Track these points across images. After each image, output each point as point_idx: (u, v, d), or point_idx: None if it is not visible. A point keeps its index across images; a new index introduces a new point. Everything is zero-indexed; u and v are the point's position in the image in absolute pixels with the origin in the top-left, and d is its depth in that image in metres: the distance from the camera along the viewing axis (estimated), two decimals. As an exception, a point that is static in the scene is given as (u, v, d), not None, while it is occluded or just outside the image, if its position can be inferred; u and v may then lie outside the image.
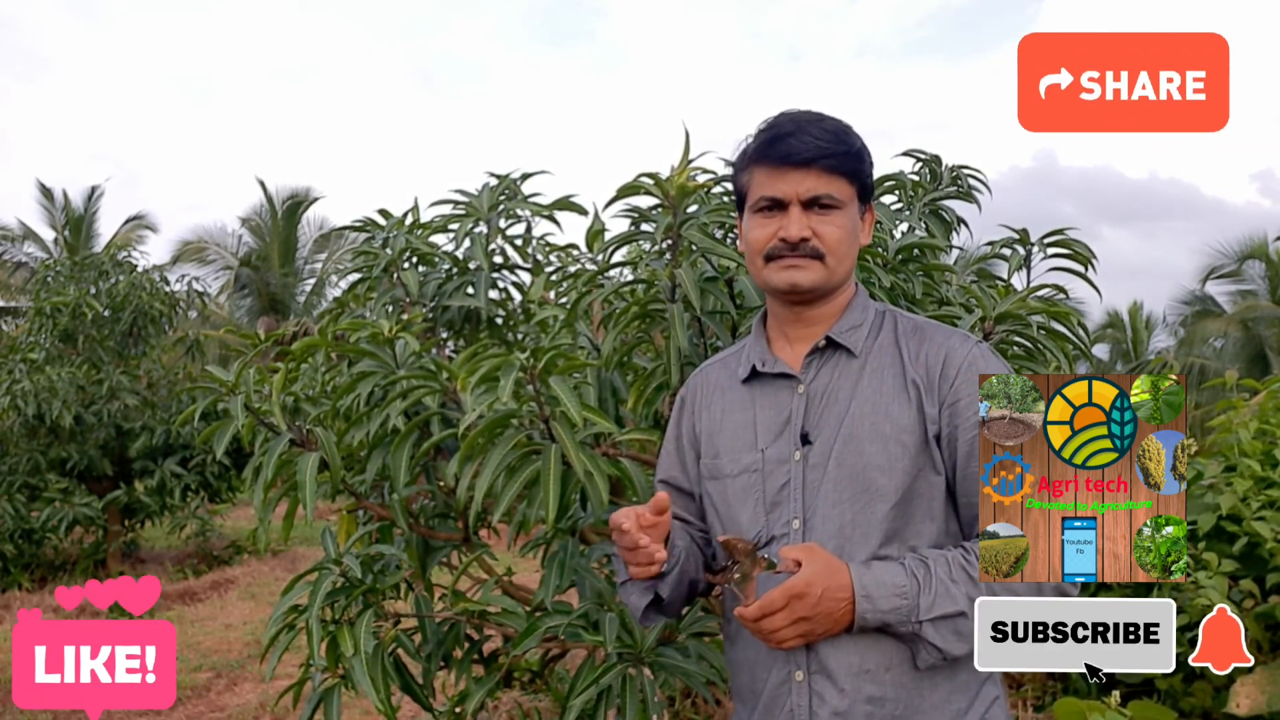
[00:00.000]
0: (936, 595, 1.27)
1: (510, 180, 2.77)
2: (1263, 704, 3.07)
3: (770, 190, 1.37)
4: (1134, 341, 20.85)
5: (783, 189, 1.36)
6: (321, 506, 7.46)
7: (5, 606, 7.21)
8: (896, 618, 1.27)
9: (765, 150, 1.38)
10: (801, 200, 1.36)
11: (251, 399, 2.12)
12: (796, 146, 1.35)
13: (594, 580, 2.12)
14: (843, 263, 1.39)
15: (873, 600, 1.27)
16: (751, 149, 1.41)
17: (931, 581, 1.27)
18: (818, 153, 1.34)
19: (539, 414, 1.85)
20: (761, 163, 1.38)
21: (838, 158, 1.35)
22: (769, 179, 1.37)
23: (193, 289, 9.50)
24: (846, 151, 1.37)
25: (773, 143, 1.37)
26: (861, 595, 1.27)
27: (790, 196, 1.36)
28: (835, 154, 1.35)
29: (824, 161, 1.34)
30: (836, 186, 1.36)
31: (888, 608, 1.27)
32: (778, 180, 1.36)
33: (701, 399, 1.53)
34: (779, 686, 1.36)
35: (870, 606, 1.27)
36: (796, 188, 1.35)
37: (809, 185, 1.35)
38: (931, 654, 1.28)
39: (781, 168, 1.36)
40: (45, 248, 19.09)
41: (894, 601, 1.27)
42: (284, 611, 2.11)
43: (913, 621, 1.27)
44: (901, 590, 1.27)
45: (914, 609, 1.27)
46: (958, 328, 1.52)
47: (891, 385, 1.37)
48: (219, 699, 4.99)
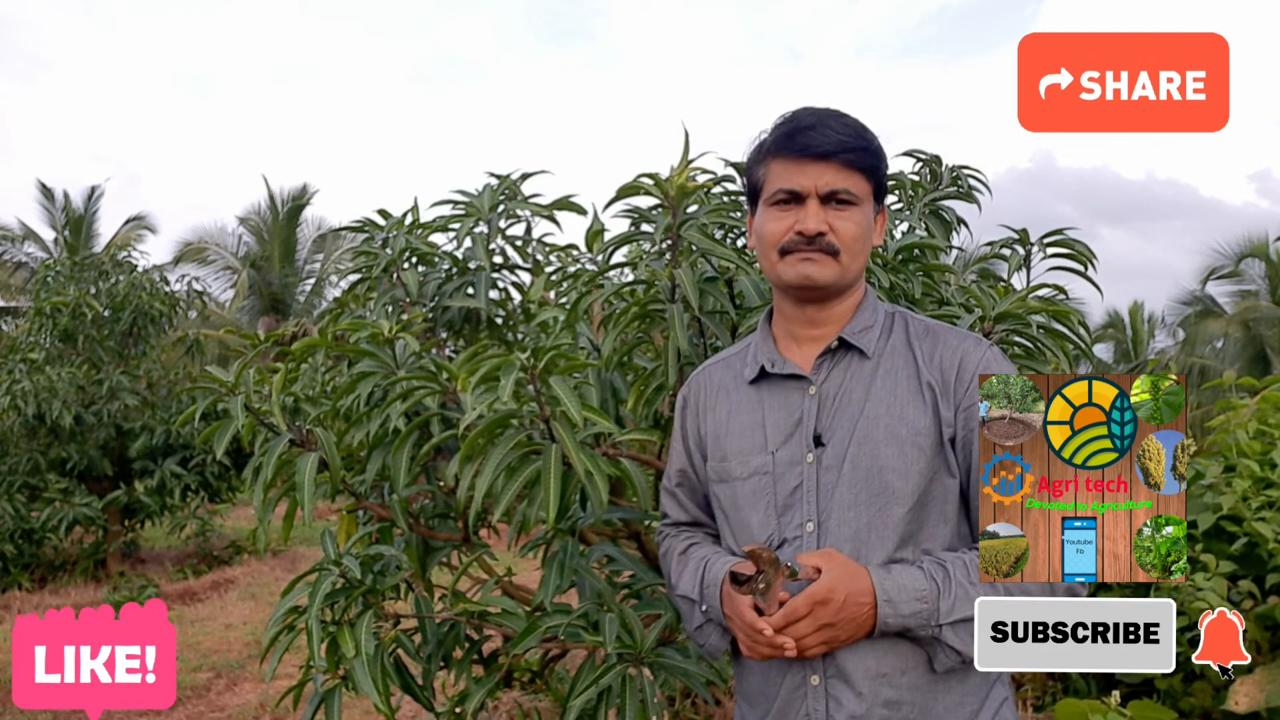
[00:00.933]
0: (956, 599, 1.27)
1: (510, 180, 2.77)
2: (1261, 702, 3.07)
3: (788, 183, 1.36)
4: (1134, 341, 20.84)
5: (801, 182, 1.35)
6: (321, 507, 7.45)
7: (5, 606, 7.21)
8: (917, 622, 1.27)
9: (784, 142, 1.36)
10: (819, 194, 1.34)
11: (251, 399, 2.12)
12: (817, 139, 1.33)
13: (594, 580, 2.11)
14: (856, 260, 1.38)
15: (895, 605, 1.26)
16: (769, 141, 1.39)
17: (951, 585, 1.27)
18: (838, 146, 1.33)
19: (539, 414, 1.85)
20: (780, 155, 1.37)
21: (857, 153, 1.35)
22: (787, 171, 1.36)
23: (193, 289, 9.51)
24: (866, 147, 1.36)
25: (792, 135, 1.36)
26: (884, 600, 1.26)
27: (808, 190, 1.35)
28: (855, 149, 1.34)
29: (844, 156, 1.33)
30: (854, 182, 1.35)
31: (909, 612, 1.26)
32: (796, 173, 1.35)
33: (705, 400, 1.51)
34: (794, 691, 1.35)
35: (892, 611, 1.26)
36: (815, 181, 1.34)
37: (828, 179, 1.34)
38: (950, 657, 1.28)
39: (800, 160, 1.35)
40: (45, 248, 19.07)
41: (915, 605, 1.26)
42: (284, 612, 2.11)
43: (933, 625, 1.27)
44: (922, 594, 1.27)
45: (934, 613, 1.26)
46: (958, 328, 1.52)
47: (906, 387, 1.36)
48: (219, 699, 4.99)
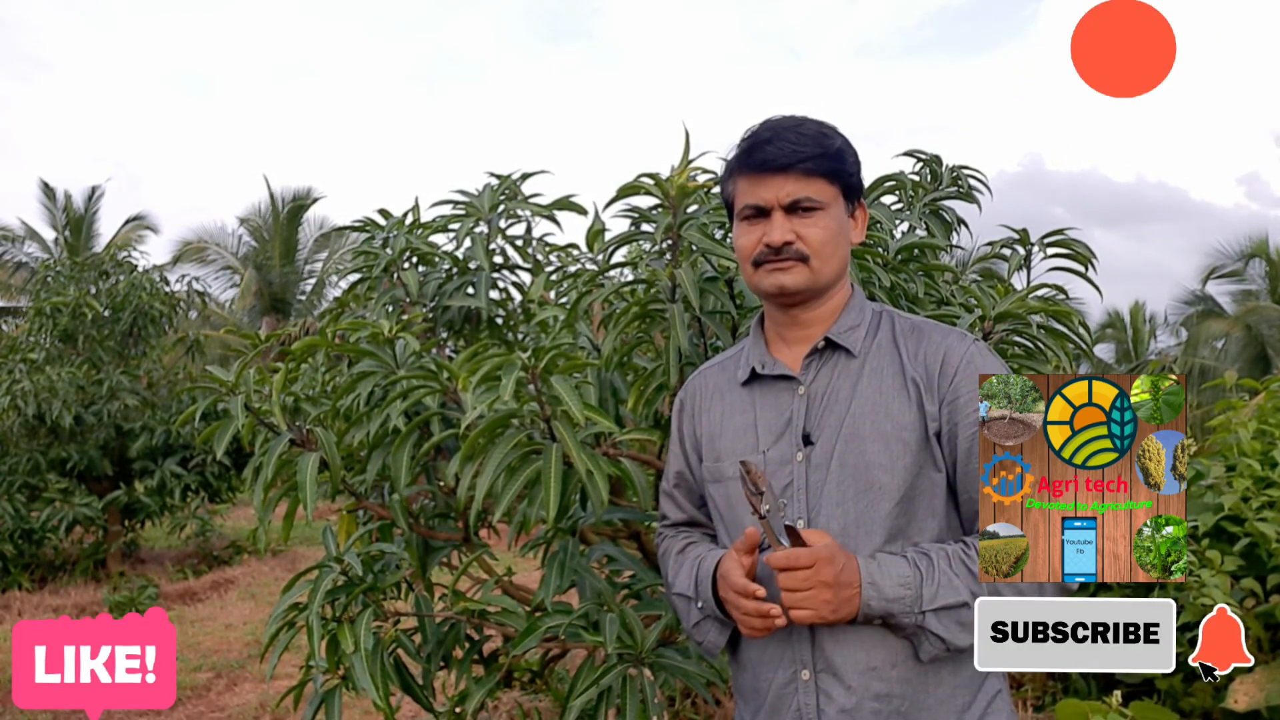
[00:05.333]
0: (940, 586, 1.28)
1: (510, 180, 2.77)
2: (1260, 701, 3.07)
3: (752, 198, 1.40)
4: (1134, 342, 20.85)
5: (763, 195, 1.39)
6: (321, 506, 7.48)
7: (5, 606, 7.21)
8: (900, 608, 1.28)
9: (744, 159, 1.41)
10: (782, 205, 1.38)
11: (251, 399, 2.12)
12: (772, 153, 1.37)
13: (594, 580, 2.12)
14: (828, 263, 1.40)
15: (879, 589, 1.28)
16: (733, 158, 1.44)
17: (934, 573, 1.29)
18: (794, 157, 1.36)
19: (540, 413, 1.85)
20: (742, 171, 1.41)
21: (814, 160, 1.37)
22: (750, 187, 1.40)
23: (193, 289, 9.52)
24: (823, 153, 1.38)
25: (750, 151, 1.40)
26: (868, 583, 1.28)
27: (771, 202, 1.38)
28: (811, 156, 1.37)
29: (801, 165, 1.37)
30: (816, 188, 1.38)
31: (893, 596, 1.28)
32: (758, 187, 1.39)
33: (700, 402, 1.54)
34: (785, 686, 1.37)
35: (876, 594, 1.28)
36: (776, 193, 1.38)
37: (788, 190, 1.37)
38: (935, 645, 1.29)
39: (760, 174, 1.39)
40: (46, 248, 19.08)
41: (898, 591, 1.28)
42: (285, 609, 2.11)
43: (916, 612, 1.28)
44: (906, 580, 1.28)
45: (917, 599, 1.28)
46: (955, 327, 1.53)
47: (891, 384, 1.38)
48: (219, 699, 5.00)
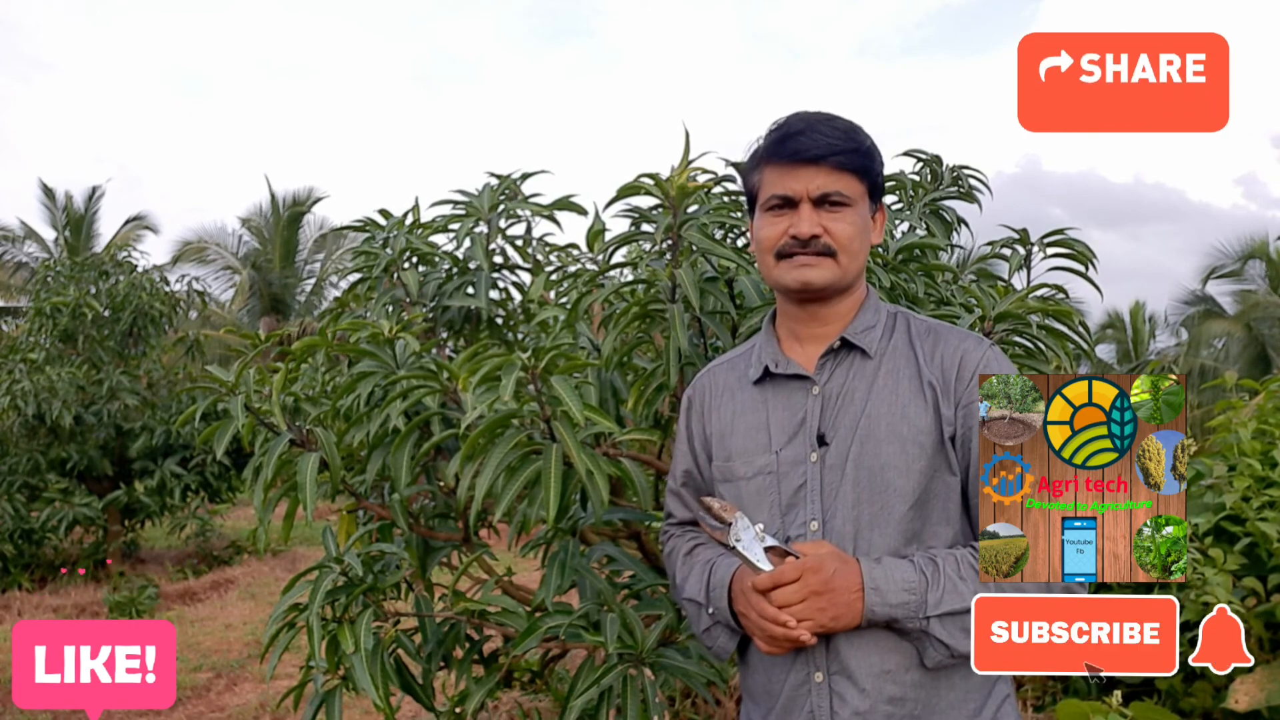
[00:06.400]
0: (945, 591, 1.28)
1: (510, 180, 2.77)
2: (1261, 701, 3.07)
3: (780, 188, 1.38)
4: (1135, 342, 20.84)
5: (793, 186, 1.37)
6: (321, 506, 7.47)
7: (5, 606, 7.21)
8: (904, 612, 1.28)
9: (775, 148, 1.39)
10: (812, 197, 1.37)
11: (251, 399, 2.12)
12: (806, 144, 1.36)
13: (594, 580, 2.11)
14: (854, 260, 1.40)
15: (881, 593, 1.27)
16: (762, 148, 1.42)
17: (940, 578, 1.28)
18: (827, 150, 1.35)
19: (540, 414, 1.85)
20: (772, 161, 1.39)
21: (847, 154, 1.36)
22: (779, 177, 1.38)
23: (193, 289, 9.51)
24: (856, 149, 1.37)
25: (783, 141, 1.38)
26: (870, 588, 1.27)
27: (800, 194, 1.37)
28: (845, 150, 1.36)
29: (834, 158, 1.35)
30: (846, 184, 1.37)
31: (896, 601, 1.27)
32: (788, 178, 1.37)
33: (710, 401, 1.53)
34: (798, 687, 1.36)
35: (879, 599, 1.27)
36: (807, 185, 1.36)
37: (819, 182, 1.36)
38: (939, 651, 1.29)
39: (792, 165, 1.37)
40: (46, 248, 19.08)
41: (902, 596, 1.27)
42: (285, 609, 2.11)
43: (920, 617, 1.28)
44: (910, 585, 1.28)
45: (922, 604, 1.27)
46: (959, 328, 1.53)
47: (908, 387, 1.37)
48: (219, 699, 5.00)
